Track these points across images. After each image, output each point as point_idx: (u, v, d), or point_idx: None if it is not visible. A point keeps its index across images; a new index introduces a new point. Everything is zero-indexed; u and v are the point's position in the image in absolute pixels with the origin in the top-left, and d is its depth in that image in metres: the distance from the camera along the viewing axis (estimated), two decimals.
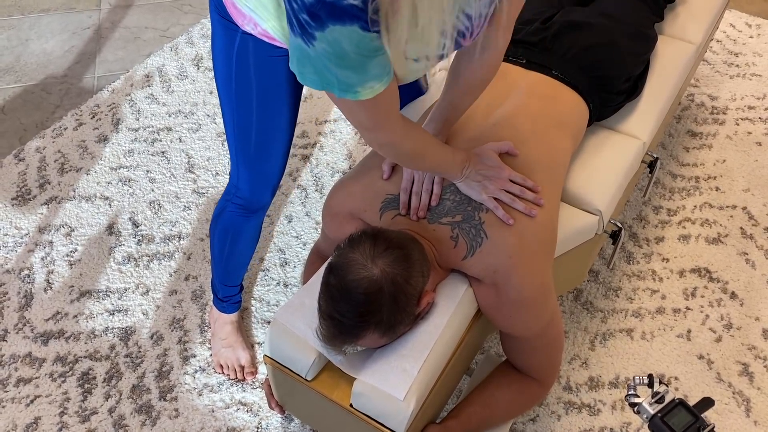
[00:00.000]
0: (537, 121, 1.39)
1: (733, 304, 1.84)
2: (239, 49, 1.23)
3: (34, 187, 2.12)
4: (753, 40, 2.68)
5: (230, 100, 1.31)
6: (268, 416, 1.62)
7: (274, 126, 1.34)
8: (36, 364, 1.71)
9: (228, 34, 1.23)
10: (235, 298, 1.69)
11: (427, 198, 1.24)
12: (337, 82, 0.94)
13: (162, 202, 2.08)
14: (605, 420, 1.61)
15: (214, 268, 1.64)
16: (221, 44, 1.26)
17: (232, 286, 1.66)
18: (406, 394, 1.14)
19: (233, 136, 1.36)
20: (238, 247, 1.57)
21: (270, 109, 1.31)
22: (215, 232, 1.55)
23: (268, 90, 1.28)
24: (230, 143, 1.39)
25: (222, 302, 1.69)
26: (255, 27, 1.17)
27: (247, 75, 1.25)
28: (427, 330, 1.21)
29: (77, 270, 1.90)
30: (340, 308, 1.09)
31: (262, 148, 1.36)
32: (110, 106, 2.38)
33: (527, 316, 1.25)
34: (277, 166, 1.41)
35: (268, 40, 1.19)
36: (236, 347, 1.69)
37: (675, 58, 1.78)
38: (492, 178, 1.22)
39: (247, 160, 1.38)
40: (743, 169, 2.19)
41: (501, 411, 1.36)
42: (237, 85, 1.28)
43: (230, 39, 1.23)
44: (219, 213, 1.52)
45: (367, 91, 0.95)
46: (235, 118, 1.33)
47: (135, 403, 1.64)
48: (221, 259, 1.59)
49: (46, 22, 2.76)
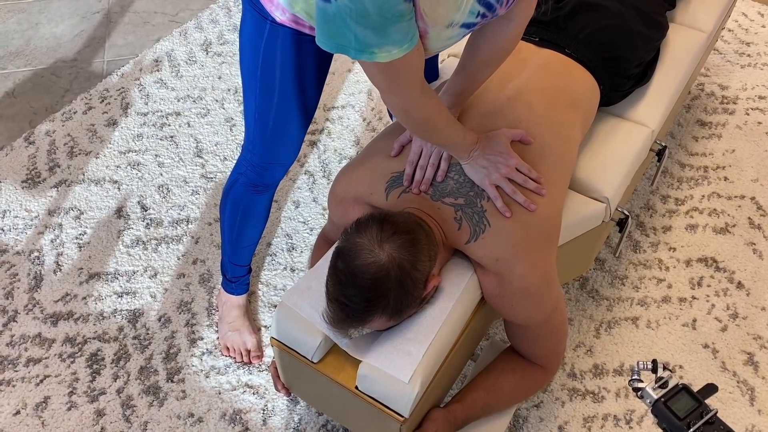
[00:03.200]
0: (550, 97, 1.38)
1: (740, 293, 1.84)
2: (268, 41, 1.24)
3: (43, 170, 2.13)
4: (765, 29, 2.66)
5: (254, 86, 1.32)
6: (274, 398, 1.64)
7: (293, 113, 1.35)
8: (45, 345, 1.73)
9: (258, 24, 1.23)
10: (244, 279, 1.70)
11: (432, 172, 1.24)
12: (355, 40, 0.91)
13: (170, 186, 2.09)
14: (609, 407, 1.62)
15: (224, 247, 1.65)
16: (250, 33, 1.27)
17: (241, 265, 1.67)
18: (411, 377, 1.15)
19: (253, 118, 1.38)
20: (248, 224, 1.58)
21: (292, 98, 1.32)
22: (225, 206, 1.56)
23: (293, 80, 1.29)
24: (248, 123, 1.40)
25: (231, 283, 1.70)
26: (284, 12, 1.18)
27: (273, 65, 1.27)
28: (433, 314, 1.22)
29: (86, 252, 1.92)
30: (348, 293, 1.09)
31: (279, 131, 1.38)
32: (119, 90, 2.38)
33: (530, 304, 1.25)
34: (292, 149, 1.44)
35: (297, 27, 1.20)
36: (243, 331, 1.70)
37: (685, 47, 1.77)
38: (498, 164, 1.22)
39: (263, 140, 1.40)
40: (752, 159, 2.17)
41: (505, 396, 1.37)
42: (262, 73, 1.29)
43: (259, 29, 1.24)
44: (230, 187, 1.53)
45: (384, 54, 0.93)
46: (257, 102, 1.34)
47: (143, 384, 1.66)
48: (231, 235, 1.60)
49: (56, 6, 2.77)
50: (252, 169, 1.47)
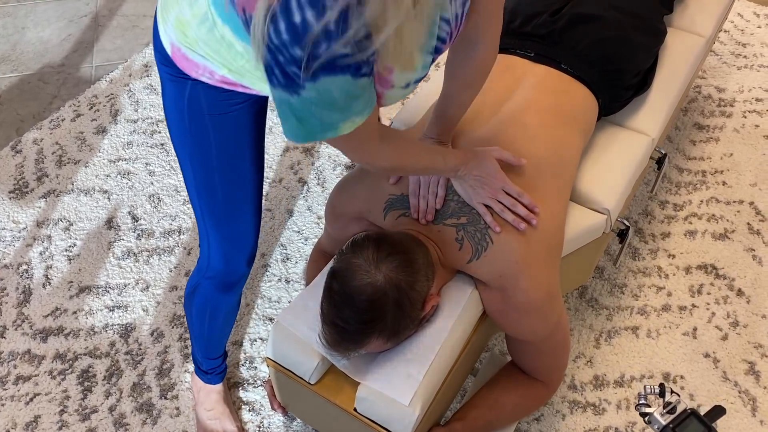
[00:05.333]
0: (546, 117, 1.36)
1: (740, 301, 1.82)
2: (190, 99, 1.10)
3: (31, 180, 2.09)
4: (761, 30, 2.64)
5: (189, 158, 1.18)
6: (270, 415, 1.60)
7: (240, 180, 1.22)
8: (35, 362, 1.69)
9: (177, 86, 1.10)
10: (219, 369, 1.57)
11: (434, 200, 1.21)
12: (320, 124, 0.89)
13: (162, 195, 2.05)
14: (610, 419, 1.60)
15: (194, 343, 1.51)
16: (171, 97, 1.13)
17: (215, 358, 1.54)
18: (412, 399, 1.12)
19: (197, 198, 1.23)
20: (218, 323, 1.45)
21: (233, 163, 1.19)
22: (191, 311, 1.43)
23: (228, 141, 1.16)
24: (195, 208, 1.25)
25: (206, 374, 1.56)
26: (212, 75, 1.04)
27: (202, 126, 1.13)
28: (433, 333, 1.19)
29: (76, 265, 1.88)
30: (344, 315, 1.07)
31: (230, 206, 1.23)
32: (108, 96, 2.34)
33: (534, 320, 1.23)
34: (250, 227, 1.28)
35: (227, 86, 1.06)
36: (223, 419, 1.56)
37: (684, 52, 1.74)
38: (484, 185, 1.19)
39: (216, 223, 1.25)
40: (750, 163, 2.16)
41: (506, 413, 1.35)
42: (193, 138, 1.15)
43: (180, 90, 1.10)
44: (192, 291, 1.39)
45: (347, 126, 0.90)
46: (197, 177, 1.20)
47: (136, 401, 1.63)
48: (201, 336, 1.47)
49: (43, 9, 2.71)
50: (213, 269, 1.32)
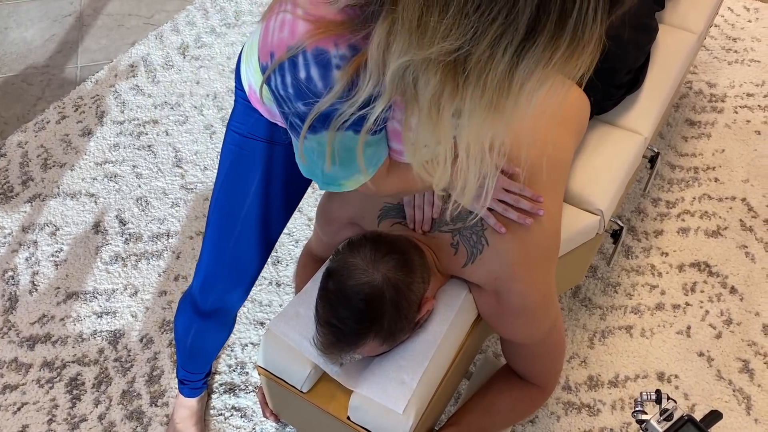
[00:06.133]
0: (538, 120, 1.34)
1: (733, 299, 1.81)
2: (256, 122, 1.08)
3: (16, 184, 2.05)
4: (751, 24, 2.64)
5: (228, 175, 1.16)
6: (262, 421, 1.58)
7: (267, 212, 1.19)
8: (22, 370, 1.66)
9: (248, 109, 1.09)
10: (195, 384, 1.50)
11: (430, 210, 1.19)
12: (322, 175, 0.88)
13: (149, 198, 2.02)
14: (605, 420, 1.59)
15: (178, 353, 1.45)
16: (239, 116, 1.12)
17: (195, 373, 1.48)
18: (406, 407, 1.11)
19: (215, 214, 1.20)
20: (201, 344, 1.39)
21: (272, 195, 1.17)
22: (177, 323, 1.37)
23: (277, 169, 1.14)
24: (207, 222, 1.22)
25: (181, 383, 1.50)
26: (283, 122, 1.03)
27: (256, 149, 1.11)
28: (426, 339, 1.18)
29: (63, 271, 1.85)
30: (340, 315, 1.05)
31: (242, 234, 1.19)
32: (94, 98, 2.30)
33: (529, 323, 1.22)
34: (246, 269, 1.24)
35: None
36: None
37: (676, 49, 1.73)
38: None
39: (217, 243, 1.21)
40: (742, 159, 2.15)
41: (501, 417, 1.34)
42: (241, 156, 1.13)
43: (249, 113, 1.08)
44: (180, 303, 1.35)
45: (352, 183, 0.89)
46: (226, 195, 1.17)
47: (125, 409, 1.60)
48: (184, 350, 1.41)
49: (26, 9, 2.67)
50: (192, 288, 1.28)
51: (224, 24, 2.59)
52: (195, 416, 1.54)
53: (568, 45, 0.65)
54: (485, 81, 0.68)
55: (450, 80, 0.70)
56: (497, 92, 0.69)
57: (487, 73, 0.67)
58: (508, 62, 0.66)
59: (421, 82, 0.72)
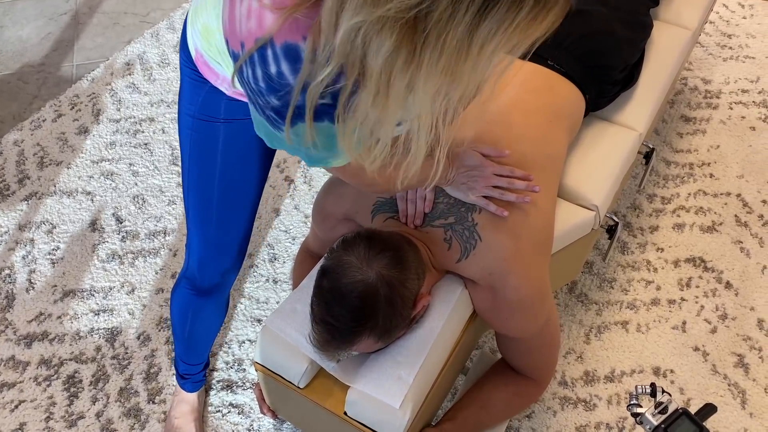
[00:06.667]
0: (531, 116, 1.34)
1: (728, 294, 1.82)
2: (206, 101, 1.08)
3: (12, 183, 2.05)
4: (746, 21, 2.64)
5: (191, 157, 1.15)
6: (259, 418, 1.59)
7: (238, 189, 1.19)
8: (20, 368, 1.66)
9: (196, 87, 1.08)
10: (195, 377, 1.52)
11: (422, 204, 1.20)
12: (306, 157, 0.88)
13: (146, 196, 2.02)
14: (601, 415, 1.60)
15: (175, 342, 1.48)
16: (188, 97, 1.11)
17: (195, 364, 1.50)
18: (402, 402, 1.11)
19: (190, 197, 1.20)
20: (199, 327, 1.41)
21: (236, 170, 1.16)
22: (173, 309, 1.39)
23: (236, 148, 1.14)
24: (186, 206, 1.22)
25: (181, 378, 1.52)
26: (230, 86, 1.04)
27: (213, 130, 1.11)
28: (422, 335, 1.18)
29: (60, 269, 1.85)
30: (335, 312, 1.05)
31: (221, 213, 1.20)
32: (90, 96, 2.30)
33: (524, 317, 1.22)
34: (234, 241, 1.24)
35: (242, 98, 1.05)
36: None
37: (671, 45, 1.73)
38: (477, 178, 1.18)
39: (201, 225, 1.22)
40: (737, 154, 2.16)
41: (497, 412, 1.34)
42: (200, 139, 1.12)
43: (198, 91, 1.08)
44: (175, 288, 1.37)
45: (338, 161, 0.89)
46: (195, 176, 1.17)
47: (123, 406, 1.60)
48: (182, 337, 1.43)
49: (21, 7, 2.66)
50: (189, 270, 1.29)
51: None
52: (195, 412, 1.54)
53: (533, 6, 0.63)
54: (444, 42, 0.64)
55: (406, 43, 0.65)
56: (456, 55, 0.65)
57: (446, 34, 0.63)
58: (469, 22, 0.63)
59: (373, 48, 0.66)
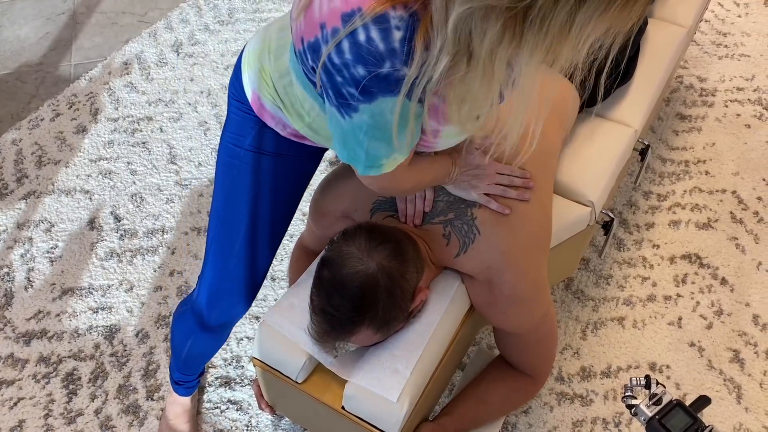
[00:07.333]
0: None
1: (724, 290, 1.83)
2: (256, 135, 1.11)
3: (11, 182, 2.05)
4: (741, 19, 2.66)
5: (226, 188, 1.18)
6: (258, 414, 1.60)
7: (267, 225, 1.20)
8: (18, 366, 1.67)
9: (246, 119, 1.12)
10: (188, 384, 1.51)
11: (422, 204, 1.21)
12: (365, 156, 0.90)
13: (144, 194, 2.03)
14: (598, 410, 1.61)
15: (172, 357, 1.46)
16: (235, 127, 1.14)
17: (189, 374, 1.49)
18: (399, 395, 1.12)
19: (215, 227, 1.21)
20: (197, 352, 1.40)
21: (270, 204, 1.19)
22: (174, 331, 1.38)
23: (275, 183, 1.17)
24: (208, 236, 1.23)
25: (175, 383, 1.52)
26: (284, 128, 1.09)
27: (256, 162, 1.14)
28: (420, 329, 1.19)
29: (58, 267, 1.86)
30: (335, 302, 1.06)
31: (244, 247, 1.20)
32: (88, 95, 2.31)
33: (521, 311, 1.23)
34: (250, 277, 1.24)
35: (297, 139, 1.11)
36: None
37: (666, 43, 1.74)
38: (480, 176, 1.19)
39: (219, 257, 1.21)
40: (732, 152, 2.17)
41: (495, 407, 1.35)
42: (240, 170, 1.15)
43: (248, 124, 1.12)
44: (180, 314, 1.35)
45: (390, 164, 0.92)
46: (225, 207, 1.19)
47: (122, 403, 1.61)
48: (179, 356, 1.42)
49: (20, 7, 2.67)
50: (197, 305, 1.28)
51: (218, 21, 2.60)
52: (187, 413, 1.55)
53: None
54: (548, 26, 0.69)
55: (510, 27, 0.71)
56: (557, 37, 0.71)
57: (551, 18, 0.69)
58: (570, 7, 0.68)
59: (478, 32, 0.72)
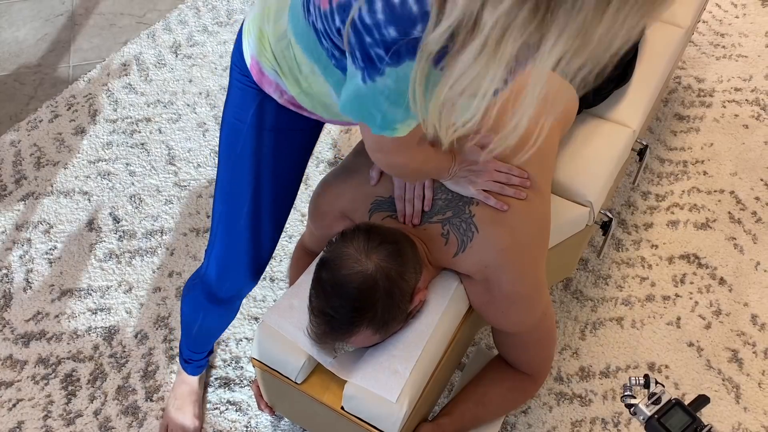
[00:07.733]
0: None
1: (722, 290, 1.84)
2: (257, 110, 1.12)
3: (9, 183, 2.05)
4: (739, 20, 2.66)
5: (230, 164, 1.19)
6: (257, 414, 1.60)
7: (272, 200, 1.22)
8: (17, 367, 1.67)
9: (246, 95, 1.13)
10: (198, 362, 1.54)
11: (420, 203, 1.21)
12: (381, 118, 0.88)
13: (143, 195, 2.03)
14: (596, 410, 1.61)
15: (182, 334, 1.49)
16: (236, 103, 1.15)
17: (199, 352, 1.52)
18: (399, 395, 1.12)
19: (222, 203, 1.22)
20: (208, 327, 1.42)
21: (272, 180, 1.20)
22: (184, 306, 1.41)
23: (278, 158, 1.18)
24: (214, 212, 1.24)
25: (184, 361, 1.54)
26: (282, 95, 1.09)
27: (258, 138, 1.15)
28: (419, 329, 1.19)
29: (57, 268, 1.86)
30: (333, 303, 1.06)
31: (251, 222, 1.22)
32: (87, 96, 2.31)
33: (520, 311, 1.23)
34: (258, 250, 1.25)
35: (293, 108, 1.11)
36: (185, 412, 1.55)
37: (664, 43, 1.75)
38: (478, 172, 1.20)
39: (228, 233, 1.23)
40: (730, 152, 2.18)
41: (494, 407, 1.35)
42: (243, 147, 1.16)
43: (248, 99, 1.13)
44: (189, 289, 1.38)
45: (405, 128, 0.91)
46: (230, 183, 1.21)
47: (121, 404, 1.61)
48: (189, 332, 1.44)
49: (18, 8, 2.67)
50: (207, 277, 1.30)
51: (216, 23, 2.60)
52: (195, 393, 1.57)
53: None
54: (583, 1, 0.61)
55: None
56: (592, 15, 0.62)
57: None
58: None
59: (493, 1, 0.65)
